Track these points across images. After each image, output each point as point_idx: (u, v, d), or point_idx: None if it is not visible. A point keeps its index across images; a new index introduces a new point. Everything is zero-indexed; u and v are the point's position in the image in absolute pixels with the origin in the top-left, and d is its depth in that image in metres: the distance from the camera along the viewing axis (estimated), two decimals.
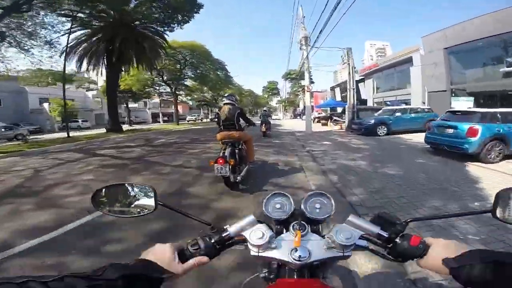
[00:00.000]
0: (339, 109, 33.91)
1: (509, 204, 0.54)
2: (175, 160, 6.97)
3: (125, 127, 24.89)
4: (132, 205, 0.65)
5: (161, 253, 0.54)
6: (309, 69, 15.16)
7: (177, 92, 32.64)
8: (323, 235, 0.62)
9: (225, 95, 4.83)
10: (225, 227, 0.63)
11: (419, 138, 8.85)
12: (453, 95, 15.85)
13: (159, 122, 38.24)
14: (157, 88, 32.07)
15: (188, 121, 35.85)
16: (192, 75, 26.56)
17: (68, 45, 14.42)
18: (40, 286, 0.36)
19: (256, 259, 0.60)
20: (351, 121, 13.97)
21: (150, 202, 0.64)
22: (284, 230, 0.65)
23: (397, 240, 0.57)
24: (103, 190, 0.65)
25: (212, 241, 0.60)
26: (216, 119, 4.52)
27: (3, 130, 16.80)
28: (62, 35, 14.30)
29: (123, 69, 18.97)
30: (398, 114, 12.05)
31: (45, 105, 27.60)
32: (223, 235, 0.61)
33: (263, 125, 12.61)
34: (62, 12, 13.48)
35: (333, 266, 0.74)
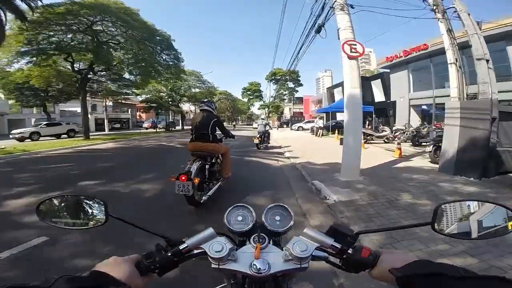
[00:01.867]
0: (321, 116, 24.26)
1: (445, 217, 0.57)
2: None
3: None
4: (82, 217, 0.63)
5: (117, 266, 0.51)
6: (346, 7, 5.51)
7: (114, 89, 21.46)
8: (283, 247, 0.61)
9: (204, 100, 4.16)
10: (183, 239, 0.60)
11: None
12: None
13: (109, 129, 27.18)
14: (93, 84, 20.63)
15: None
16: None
17: None
18: None
19: (218, 272, 0.58)
20: None
21: (101, 214, 0.61)
22: (247, 242, 0.63)
23: (350, 251, 0.57)
24: (49, 200, 0.62)
25: (169, 254, 0.57)
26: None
27: None
28: None
29: None
30: None
31: None
32: (181, 247, 0.59)
33: (261, 137, 10.41)
34: None
35: (300, 275, 0.66)
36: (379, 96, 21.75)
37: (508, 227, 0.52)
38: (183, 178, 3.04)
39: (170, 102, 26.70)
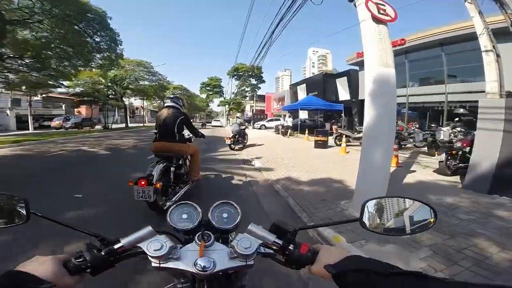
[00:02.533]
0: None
1: (372, 214, 0.58)
2: None
3: None
4: None
5: (41, 265, 0.47)
6: None
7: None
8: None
9: (170, 96, 3.97)
10: (119, 239, 0.56)
11: None
12: None
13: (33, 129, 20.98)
14: (7, 73, 14.81)
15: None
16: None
17: None
18: None
19: (159, 271, 0.56)
20: None
21: (22, 212, 0.57)
22: (193, 241, 0.61)
23: (291, 247, 0.57)
24: None
25: (102, 253, 0.54)
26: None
27: None
28: None
29: None
30: None
31: None
32: (115, 247, 0.55)
33: (234, 136, 9.45)
34: None
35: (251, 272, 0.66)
36: (343, 94, 21.32)
37: (430, 222, 0.56)
38: (143, 183, 2.69)
39: (111, 96, 22.10)
